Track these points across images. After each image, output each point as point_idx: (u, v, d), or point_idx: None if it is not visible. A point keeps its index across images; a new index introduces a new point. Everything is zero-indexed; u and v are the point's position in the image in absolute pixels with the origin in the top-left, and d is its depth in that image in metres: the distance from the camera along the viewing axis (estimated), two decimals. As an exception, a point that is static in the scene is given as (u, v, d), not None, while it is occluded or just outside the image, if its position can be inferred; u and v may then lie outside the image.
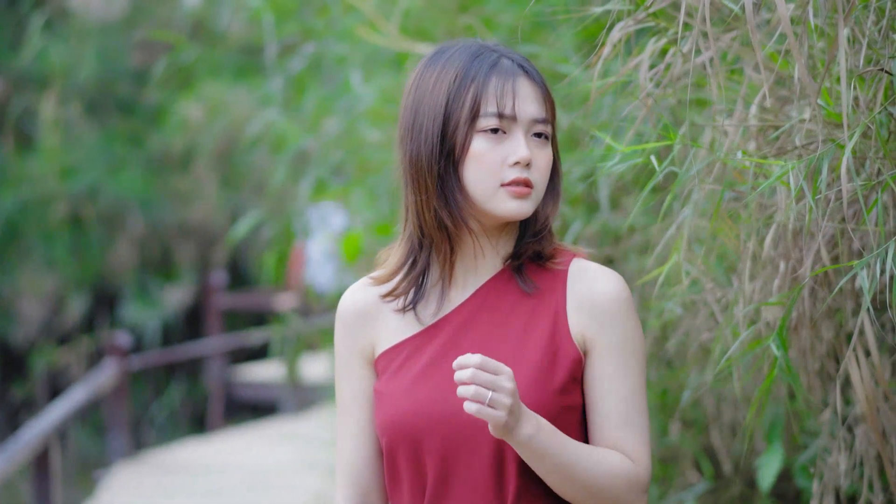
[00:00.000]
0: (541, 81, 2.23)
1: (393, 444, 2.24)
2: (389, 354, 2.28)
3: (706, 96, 2.97)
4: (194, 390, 16.28)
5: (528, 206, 2.20)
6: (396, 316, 2.30)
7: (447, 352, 2.23)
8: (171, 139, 16.35)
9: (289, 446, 10.40)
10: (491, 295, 2.26)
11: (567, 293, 2.23)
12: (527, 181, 2.19)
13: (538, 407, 2.15)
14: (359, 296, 2.34)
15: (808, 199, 2.27)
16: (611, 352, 2.21)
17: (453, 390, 2.14)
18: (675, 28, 2.71)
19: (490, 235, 2.26)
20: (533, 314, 2.23)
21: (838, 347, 2.88)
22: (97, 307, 17.12)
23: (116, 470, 10.37)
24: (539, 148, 2.22)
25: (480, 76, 2.19)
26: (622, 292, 2.23)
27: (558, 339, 2.21)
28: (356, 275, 5.98)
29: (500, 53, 2.23)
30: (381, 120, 5.15)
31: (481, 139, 2.19)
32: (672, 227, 2.87)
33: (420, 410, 2.20)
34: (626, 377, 2.21)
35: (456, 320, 2.26)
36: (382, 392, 2.26)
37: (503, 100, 2.18)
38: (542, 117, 2.21)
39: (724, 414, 3.65)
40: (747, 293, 2.73)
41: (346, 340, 2.33)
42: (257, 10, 5.96)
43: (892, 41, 2.31)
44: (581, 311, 2.22)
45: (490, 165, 2.19)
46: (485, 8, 4.53)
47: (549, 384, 2.18)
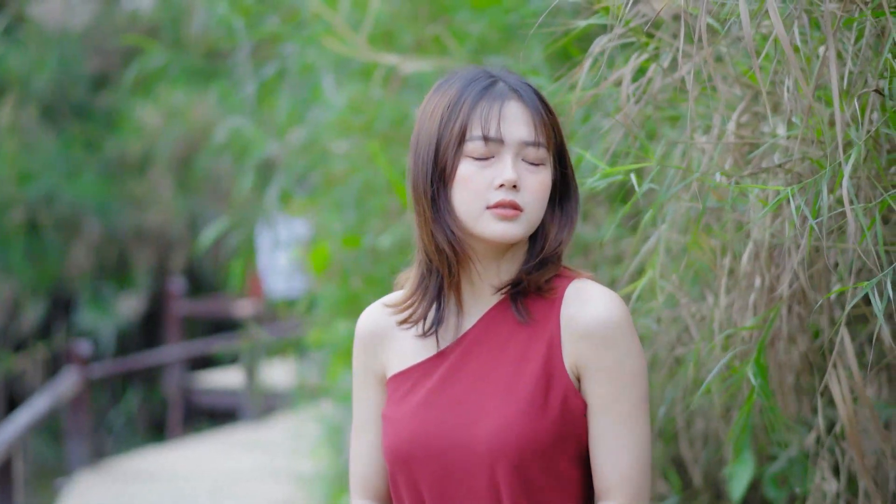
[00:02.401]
0: (535, 105, 2.22)
1: (393, 469, 2.27)
2: (399, 379, 2.30)
3: (684, 112, 2.98)
4: (152, 396, 16.16)
5: (515, 228, 2.19)
6: (411, 339, 2.31)
7: (448, 380, 2.25)
8: (128, 144, 16.26)
9: (251, 454, 10.36)
10: (491, 324, 2.26)
11: (561, 318, 2.21)
12: (513, 203, 2.17)
13: (529, 438, 2.15)
14: (375, 317, 2.37)
15: (803, 221, 2.28)
16: (604, 377, 2.18)
17: (450, 420, 2.19)
18: (655, 44, 2.74)
19: (491, 260, 2.25)
20: (529, 343, 2.22)
21: (814, 360, 2.89)
22: (53, 313, 16.96)
23: (77, 478, 10.29)
24: (531, 171, 2.20)
25: (469, 100, 2.20)
26: (615, 314, 2.19)
27: (551, 367, 2.20)
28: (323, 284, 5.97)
29: (498, 78, 2.23)
30: (348, 130, 5.13)
31: (468, 162, 2.19)
32: (648, 243, 2.88)
33: (417, 440, 2.22)
34: (617, 402, 2.18)
35: (458, 349, 2.27)
36: (388, 417, 2.29)
37: (488, 123, 2.18)
38: (531, 140, 2.20)
39: (695, 425, 3.66)
40: (723, 308, 2.75)
41: (361, 359, 2.37)
42: (224, 17, 5.92)
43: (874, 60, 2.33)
44: (572, 336, 2.20)
45: (476, 188, 2.18)
46: (454, 18, 4.53)
47: (543, 414, 2.17)
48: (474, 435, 2.17)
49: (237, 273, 8.41)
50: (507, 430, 2.15)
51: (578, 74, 2.79)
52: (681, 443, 3.72)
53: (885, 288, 2.25)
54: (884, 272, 2.25)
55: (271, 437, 10.98)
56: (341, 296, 5.54)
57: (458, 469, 2.19)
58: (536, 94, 2.24)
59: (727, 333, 2.70)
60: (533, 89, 2.24)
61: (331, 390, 6.76)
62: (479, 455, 2.16)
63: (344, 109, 5.03)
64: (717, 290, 2.80)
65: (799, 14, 2.35)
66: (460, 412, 2.20)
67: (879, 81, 2.32)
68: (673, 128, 3.07)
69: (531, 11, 4.05)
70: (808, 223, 2.32)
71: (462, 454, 2.18)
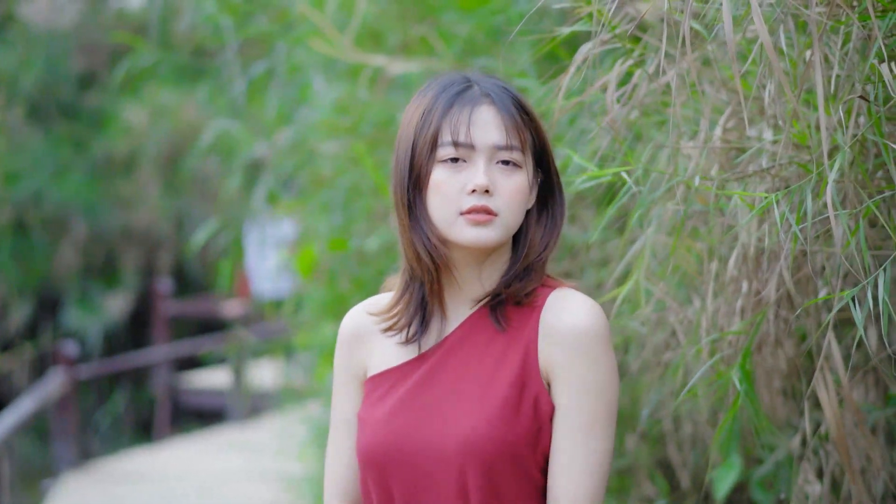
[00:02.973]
0: (508, 108, 2.21)
1: (364, 470, 2.26)
2: (377, 380, 2.30)
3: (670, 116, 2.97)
4: (139, 397, 16.13)
5: (489, 233, 2.18)
6: (392, 342, 2.31)
7: (424, 384, 2.24)
8: (115, 144, 16.22)
9: (239, 454, 10.33)
10: (471, 330, 2.25)
11: (539, 324, 2.21)
12: (485, 208, 2.17)
13: (500, 443, 2.14)
14: (358, 318, 2.36)
15: (789, 226, 2.27)
16: (569, 384, 2.17)
17: (423, 423, 2.18)
18: (640, 49, 2.73)
19: (472, 267, 2.25)
20: (506, 349, 2.22)
21: (800, 364, 2.89)
22: (40, 313, 16.92)
23: (64, 480, 10.25)
24: (504, 175, 2.19)
25: (441, 106, 2.20)
26: (593, 324, 2.18)
27: (526, 373, 2.19)
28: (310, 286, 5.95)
29: (473, 83, 2.23)
30: (335, 131, 5.11)
31: (440, 168, 2.19)
32: (634, 247, 2.87)
33: (389, 443, 2.22)
34: (578, 413, 2.17)
35: (438, 354, 2.26)
36: (362, 418, 2.28)
37: (457, 128, 2.18)
38: (503, 144, 2.19)
39: (682, 428, 3.65)
40: (710, 312, 2.74)
41: (342, 361, 2.37)
42: (212, 16, 5.89)
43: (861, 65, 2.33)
44: (547, 341, 2.19)
45: (448, 194, 2.18)
46: (440, 19, 4.51)
47: (515, 420, 2.16)
48: (446, 438, 2.17)
49: (226, 274, 8.39)
50: (478, 434, 2.15)
51: (565, 79, 2.78)
52: (668, 446, 3.72)
53: (865, 295, 2.25)
54: (867, 279, 2.24)
55: (258, 437, 10.95)
56: (328, 298, 5.52)
57: (428, 472, 2.18)
58: (512, 97, 2.23)
59: (713, 338, 2.69)
60: (510, 92, 2.23)
61: (318, 392, 6.75)
62: (449, 458, 2.16)
63: (330, 110, 5.01)
64: (703, 295, 2.79)
65: (785, 18, 2.35)
66: (434, 416, 2.20)
67: (866, 86, 2.31)
68: (660, 131, 3.06)
69: (518, 13, 4.04)
70: (795, 228, 2.31)
71: (433, 457, 2.18)
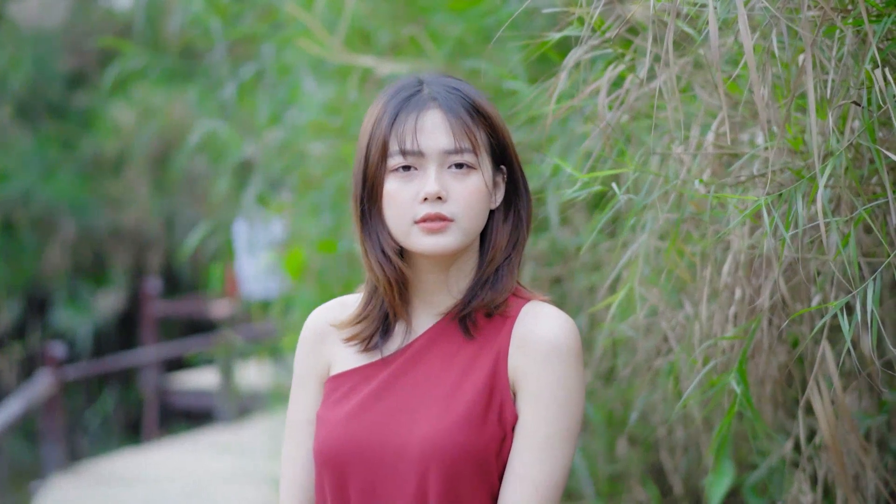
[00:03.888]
0: (456, 111, 2.17)
1: (321, 470, 2.23)
2: (338, 380, 2.27)
3: (661, 120, 2.94)
4: (127, 397, 16.09)
5: (446, 240, 2.15)
6: (361, 343, 2.28)
7: (389, 387, 2.22)
8: (104, 143, 16.19)
9: (228, 456, 10.30)
10: (439, 336, 2.23)
11: (512, 334, 2.18)
12: (438, 215, 2.14)
13: (464, 448, 2.12)
14: (324, 317, 2.33)
15: (781, 232, 2.25)
16: (532, 395, 2.15)
17: (383, 426, 2.16)
18: (631, 54, 2.70)
19: (438, 273, 2.22)
20: (475, 358, 2.20)
21: (793, 371, 2.87)
22: (29, 313, 16.88)
23: (52, 481, 10.21)
24: (457, 179, 2.16)
25: (389, 114, 2.17)
26: (565, 337, 2.16)
27: (494, 381, 2.17)
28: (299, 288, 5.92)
29: (423, 87, 2.20)
30: (325, 132, 5.08)
31: (392, 178, 2.17)
32: (627, 252, 2.84)
33: (349, 442, 2.19)
34: (537, 427, 2.14)
35: (402, 358, 2.24)
36: (322, 418, 2.26)
37: (404, 136, 2.15)
38: (452, 148, 2.15)
39: (674, 433, 3.64)
40: (704, 319, 2.72)
41: (305, 360, 2.33)
42: (199, 15, 5.86)
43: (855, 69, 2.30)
44: (518, 350, 2.17)
45: (402, 203, 2.16)
46: (430, 19, 4.48)
47: (481, 427, 2.14)
48: (408, 441, 2.15)
49: (216, 275, 8.37)
50: (442, 438, 2.13)
51: (555, 83, 2.75)
52: (661, 451, 3.70)
53: (854, 303, 2.22)
54: (857, 289, 2.22)
55: (247, 438, 10.93)
56: (317, 299, 5.49)
57: (388, 474, 2.16)
58: (462, 97, 2.19)
59: (708, 344, 2.67)
60: (460, 93, 2.19)
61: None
62: (410, 461, 2.14)
63: (320, 111, 4.98)
64: (697, 301, 2.77)
65: (778, 22, 2.32)
66: (397, 419, 2.18)
67: (860, 92, 2.29)
68: (650, 135, 3.04)
69: (509, 15, 4.01)
70: (785, 234, 2.29)
71: (394, 459, 2.16)
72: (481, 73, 3.99)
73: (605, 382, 3.86)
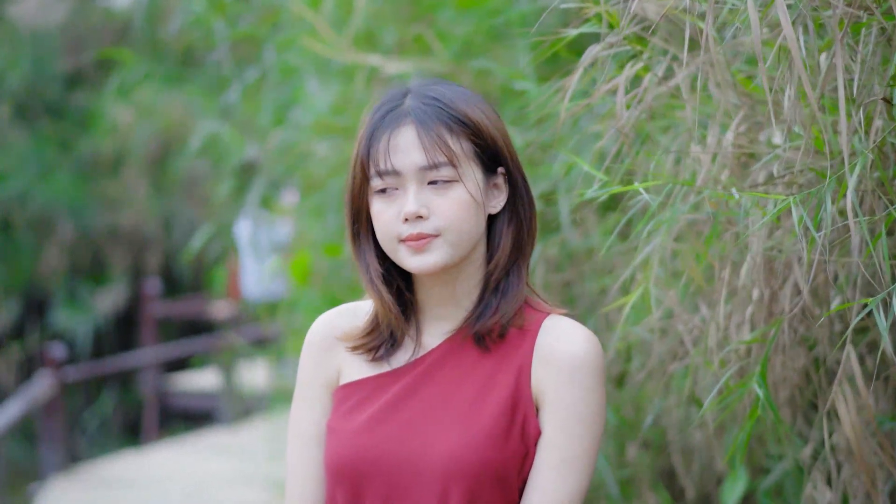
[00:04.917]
0: (428, 124, 2.12)
1: (333, 483, 2.18)
2: (349, 389, 2.22)
3: (677, 119, 2.91)
4: (127, 398, 16.04)
5: (433, 257, 2.12)
6: (368, 353, 2.23)
7: (403, 399, 2.17)
8: (102, 143, 16.15)
9: (227, 458, 10.27)
10: (456, 348, 2.19)
11: (535, 348, 2.15)
12: (419, 235, 2.10)
13: (487, 464, 2.09)
14: (333, 323, 2.27)
15: (808, 233, 2.21)
16: (556, 412, 2.12)
17: (403, 438, 2.12)
18: (649, 52, 2.65)
19: (443, 285, 2.18)
20: (496, 371, 2.16)
21: (812, 375, 2.83)
22: (27, 314, 16.83)
23: (52, 484, 10.17)
24: (439, 194, 2.12)
25: (366, 134, 2.15)
26: (588, 353, 2.13)
27: (517, 395, 2.14)
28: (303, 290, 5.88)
29: (404, 100, 2.16)
30: (330, 132, 5.03)
31: (376, 199, 2.15)
32: (642, 254, 2.80)
33: (365, 456, 2.14)
34: (563, 442, 2.12)
35: (419, 368, 2.19)
36: (333, 428, 2.20)
37: (378, 157, 2.12)
38: (426, 164, 2.11)
39: (688, 437, 3.60)
40: (721, 321, 2.68)
41: (311, 368, 2.27)
42: (201, 16, 5.81)
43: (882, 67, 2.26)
44: (541, 365, 2.14)
45: (386, 223, 2.13)
46: (437, 18, 4.44)
47: (505, 442, 2.11)
48: (428, 455, 2.11)
49: (219, 277, 8.33)
50: (466, 453, 2.09)
51: (568, 81, 2.71)
52: (673, 455, 3.66)
53: (890, 303, 2.18)
54: (888, 288, 2.18)
55: (248, 441, 10.88)
56: (322, 302, 5.45)
57: (406, 489, 2.12)
58: (440, 107, 2.13)
59: (729, 349, 2.63)
60: (439, 103, 2.14)
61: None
62: (432, 476, 2.10)
63: (325, 111, 4.94)
64: (714, 303, 2.73)
65: (804, 19, 2.28)
66: (415, 432, 2.13)
67: (887, 89, 2.25)
68: (665, 135, 3.00)
69: (518, 13, 3.98)
70: (810, 235, 2.25)
71: (413, 474, 2.11)
72: (490, 73, 3.95)
73: (616, 386, 3.82)
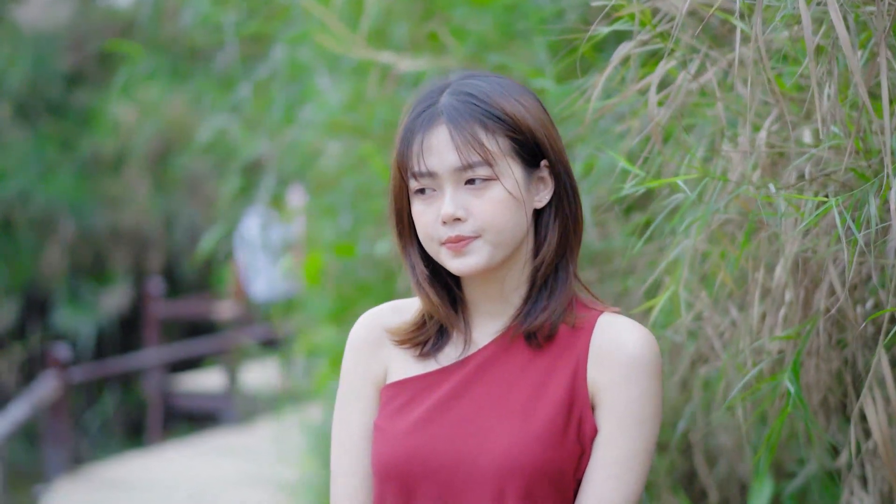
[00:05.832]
0: (461, 123, 2.07)
1: (383, 484, 2.14)
2: (397, 387, 2.18)
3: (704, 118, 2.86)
4: (130, 398, 15.99)
5: (473, 259, 2.08)
6: (415, 348, 2.20)
7: (455, 397, 2.13)
8: (103, 142, 16.11)
9: (233, 460, 10.23)
10: (506, 346, 2.15)
11: (590, 345, 2.11)
12: (457, 238, 2.07)
13: (544, 463, 2.05)
14: (379, 319, 2.24)
15: (851, 234, 2.16)
16: (612, 411, 2.08)
17: (455, 437, 2.08)
18: (682, 49, 2.61)
19: (489, 283, 2.15)
20: (551, 370, 2.12)
21: (844, 378, 2.79)
22: (28, 314, 16.78)
23: (57, 486, 10.14)
24: (475, 195, 2.07)
25: (403, 134, 2.12)
26: (646, 352, 2.09)
27: (574, 395, 2.10)
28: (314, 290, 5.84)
29: (439, 96, 2.11)
30: (342, 130, 4.98)
31: (415, 201, 2.12)
32: (671, 255, 2.75)
33: (416, 455, 2.10)
34: (619, 442, 2.08)
35: (469, 367, 2.15)
36: (382, 428, 2.16)
37: (412, 159, 2.09)
38: (460, 165, 2.06)
39: (712, 439, 3.56)
40: (754, 322, 2.63)
41: (358, 367, 2.23)
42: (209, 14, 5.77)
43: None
44: (597, 364, 2.10)
45: (426, 226, 2.10)
46: (452, 15, 4.38)
47: (561, 442, 2.07)
48: (483, 455, 2.07)
49: (223, 277, 8.29)
50: (522, 453, 2.05)
51: (598, 78, 2.66)
52: (696, 458, 3.62)
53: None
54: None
55: (253, 442, 10.83)
56: (334, 303, 5.40)
57: (460, 490, 2.08)
58: (477, 103, 2.09)
59: (758, 344, 2.58)
60: (474, 99, 2.09)
61: (320, 396, 6.64)
62: (485, 477, 2.06)
63: (337, 109, 4.89)
64: (746, 305, 2.69)
65: (846, 15, 2.23)
66: (468, 431, 2.09)
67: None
68: (690, 134, 2.95)
69: (536, 10, 3.93)
70: (857, 235, 2.20)
71: (466, 475, 2.07)
72: (507, 71, 3.90)
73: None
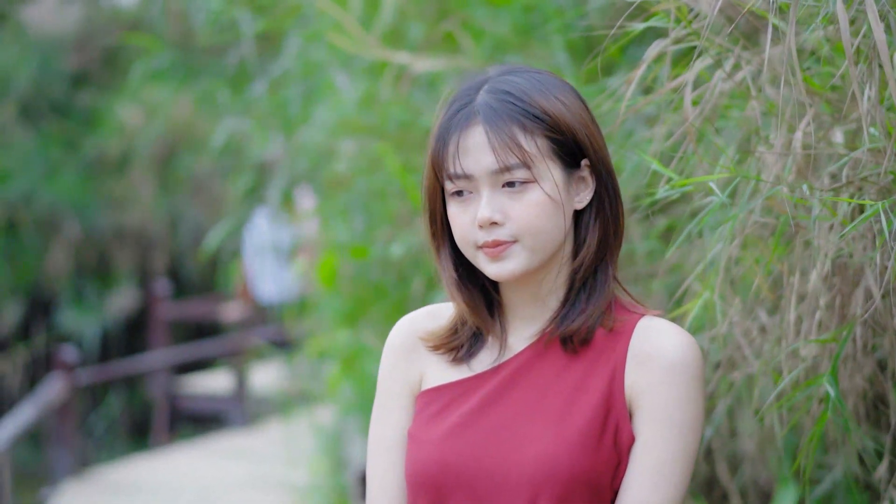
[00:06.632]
0: (498, 124, 2.01)
1: (416, 492, 2.09)
2: (432, 394, 2.13)
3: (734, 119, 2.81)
4: (135, 400, 15.93)
5: (511, 264, 2.02)
6: (450, 353, 2.15)
7: (490, 404, 2.08)
8: (108, 143, 16.07)
9: (239, 462, 10.19)
10: (542, 351, 2.10)
11: (629, 350, 2.05)
12: (495, 242, 2.01)
13: (579, 471, 1.99)
14: (415, 324, 2.20)
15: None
16: (651, 416, 2.02)
17: (489, 445, 2.03)
18: (717, 48, 2.55)
19: (527, 285, 2.09)
20: (587, 374, 2.06)
21: (878, 384, 2.74)
22: (33, 315, 16.74)
23: (63, 488, 10.10)
24: (513, 198, 2.01)
25: (438, 133, 2.06)
26: (687, 356, 2.02)
27: (611, 400, 2.04)
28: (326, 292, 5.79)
29: (476, 94, 2.05)
30: (355, 131, 4.93)
31: (451, 203, 2.07)
32: (706, 258, 2.70)
33: (450, 464, 2.05)
34: (655, 448, 2.01)
35: (504, 373, 2.10)
36: (415, 436, 2.12)
37: (448, 160, 2.03)
38: (497, 167, 2.00)
39: (738, 445, 3.51)
40: (791, 326, 2.58)
41: (395, 373, 2.19)
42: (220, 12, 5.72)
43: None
44: (636, 367, 2.03)
45: (462, 229, 2.05)
46: (468, 15, 4.33)
47: (597, 448, 2.01)
48: (516, 463, 2.01)
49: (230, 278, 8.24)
50: (556, 460, 2.00)
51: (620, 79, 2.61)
52: (717, 464, 3.57)
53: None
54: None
55: (260, 444, 10.80)
56: (347, 305, 5.35)
57: (494, 497, 2.02)
58: (515, 102, 2.02)
59: (796, 346, 2.53)
60: (512, 98, 2.02)
61: (332, 399, 6.59)
62: (519, 485, 2.01)
63: (352, 109, 4.84)
64: (779, 310, 2.63)
65: (885, 15, 2.18)
66: (501, 439, 2.04)
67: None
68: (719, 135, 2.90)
69: (555, 9, 3.88)
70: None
71: (499, 483, 2.02)
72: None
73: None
